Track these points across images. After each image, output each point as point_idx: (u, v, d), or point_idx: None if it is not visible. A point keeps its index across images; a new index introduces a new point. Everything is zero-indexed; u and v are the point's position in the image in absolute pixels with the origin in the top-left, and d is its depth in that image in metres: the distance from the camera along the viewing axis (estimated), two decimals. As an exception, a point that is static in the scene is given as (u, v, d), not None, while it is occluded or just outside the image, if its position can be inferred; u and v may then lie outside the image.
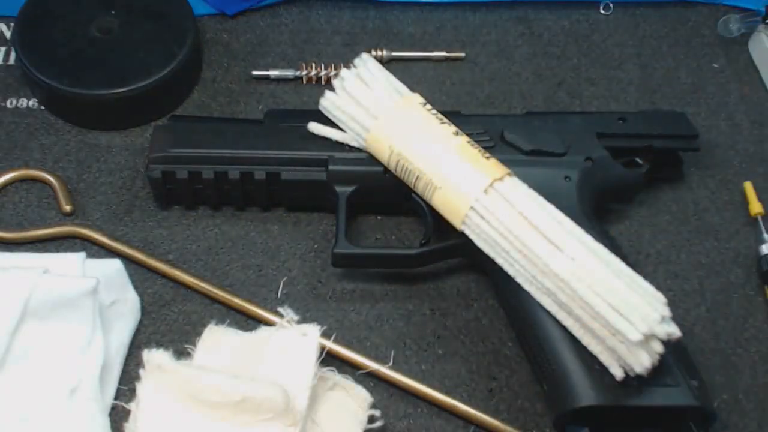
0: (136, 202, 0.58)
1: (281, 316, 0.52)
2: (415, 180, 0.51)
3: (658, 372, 0.45)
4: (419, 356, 0.53)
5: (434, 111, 0.53)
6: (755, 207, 0.58)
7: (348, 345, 0.52)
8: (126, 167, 0.60)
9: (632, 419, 0.47)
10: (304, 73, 0.65)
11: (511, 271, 0.49)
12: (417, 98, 0.53)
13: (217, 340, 0.50)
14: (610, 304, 0.44)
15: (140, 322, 0.53)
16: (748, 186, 0.60)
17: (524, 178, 0.50)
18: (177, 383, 0.46)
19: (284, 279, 0.56)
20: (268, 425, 0.45)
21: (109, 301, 0.52)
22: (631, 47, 0.68)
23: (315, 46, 0.67)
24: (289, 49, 0.67)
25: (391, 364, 0.52)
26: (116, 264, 0.54)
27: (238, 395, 0.45)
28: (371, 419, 0.48)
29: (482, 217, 0.48)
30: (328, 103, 0.55)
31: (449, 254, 0.55)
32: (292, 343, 0.49)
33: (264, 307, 0.53)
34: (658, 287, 0.46)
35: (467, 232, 0.50)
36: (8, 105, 0.63)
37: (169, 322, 0.54)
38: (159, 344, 0.52)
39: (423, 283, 0.56)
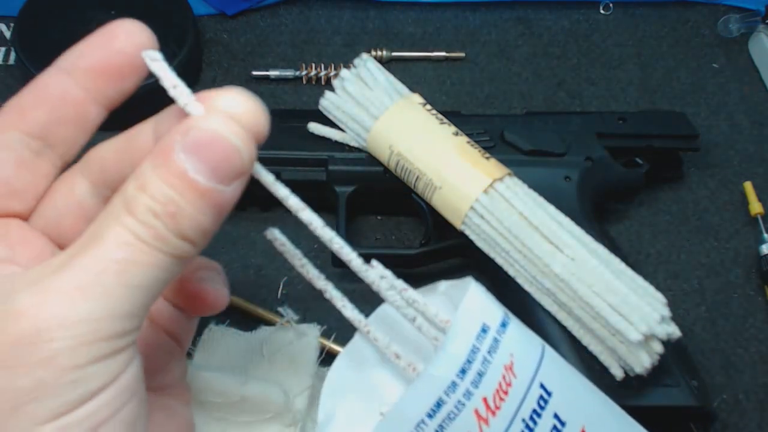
0: (136, 202, 0.58)
1: (281, 316, 0.52)
2: (415, 180, 0.51)
3: (658, 372, 0.45)
4: (419, 356, 0.53)
5: (434, 111, 0.53)
6: (755, 207, 0.58)
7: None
8: (126, 167, 0.60)
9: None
10: (304, 73, 0.65)
11: (511, 272, 0.49)
12: (417, 98, 0.53)
13: (217, 340, 0.50)
14: (610, 304, 0.44)
15: (140, 322, 0.53)
16: (748, 186, 0.60)
17: (524, 178, 0.50)
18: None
19: (284, 279, 0.56)
20: (267, 425, 0.45)
21: None
22: (631, 47, 0.68)
23: (315, 46, 0.67)
24: (289, 49, 0.67)
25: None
26: None
27: (237, 395, 0.45)
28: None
29: (482, 217, 0.48)
30: (328, 103, 0.55)
31: (449, 254, 0.55)
32: (292, 343, 0.49)
33: (264, 307, 0.53)
34: (658, 287, 0.46)
35: (467, 232, 0.50)
36: (8, 105, 0.63)
37: (169, 322, 0.53)
38: (159, 344, 0.51)
39: (423, 283, 0.56)
